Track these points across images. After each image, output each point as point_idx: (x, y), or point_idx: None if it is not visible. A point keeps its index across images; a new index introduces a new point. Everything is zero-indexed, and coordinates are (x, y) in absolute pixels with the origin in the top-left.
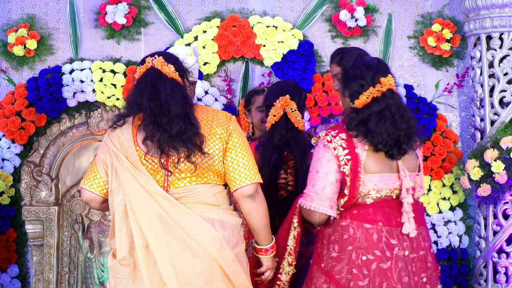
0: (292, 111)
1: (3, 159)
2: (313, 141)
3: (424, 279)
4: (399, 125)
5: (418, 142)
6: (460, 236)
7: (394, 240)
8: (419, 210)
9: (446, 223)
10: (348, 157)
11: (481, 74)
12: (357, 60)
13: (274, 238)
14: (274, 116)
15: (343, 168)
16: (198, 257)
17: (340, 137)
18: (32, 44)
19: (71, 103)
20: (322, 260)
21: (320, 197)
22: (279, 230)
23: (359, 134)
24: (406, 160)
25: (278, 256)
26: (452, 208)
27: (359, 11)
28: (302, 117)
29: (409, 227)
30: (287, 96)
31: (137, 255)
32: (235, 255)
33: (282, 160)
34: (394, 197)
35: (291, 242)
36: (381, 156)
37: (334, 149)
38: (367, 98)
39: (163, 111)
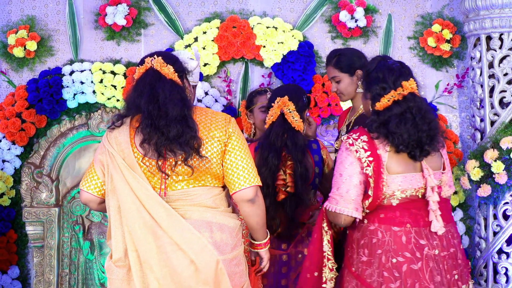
0: (290, 112)
1: (3, 161)
2: (336, 145)
3: (456, 276)
4: (420, 127)
5: (441, 143)
6: (460, 237)
7: (423, 240)
8: (446, 208)
9: None
10: (370, 158)
11: (481, 74)
12: (379, 63)
13: (268, 233)
14: (272, 116)
15: (366, 169)
16: (181, 266)
17: (361, 139)
18: (32, 45)
19: (71, 104)
20: (353, 264)
21: (344, 199)
22: (309, 245)
23: (380, 135)
24: (429, 159)
25: (315, 269)
26: (452, 209)
27: (359, 12)
28: (302, 119)
29: (437, 225)
30: (286, 97)
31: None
32: (233, 258)
33: (280, 160)
34: (420, 196)
35: (326, 248)
36: (403, 157)
37: (356, 151)
38: (388, 101)
39: (160, 114)
